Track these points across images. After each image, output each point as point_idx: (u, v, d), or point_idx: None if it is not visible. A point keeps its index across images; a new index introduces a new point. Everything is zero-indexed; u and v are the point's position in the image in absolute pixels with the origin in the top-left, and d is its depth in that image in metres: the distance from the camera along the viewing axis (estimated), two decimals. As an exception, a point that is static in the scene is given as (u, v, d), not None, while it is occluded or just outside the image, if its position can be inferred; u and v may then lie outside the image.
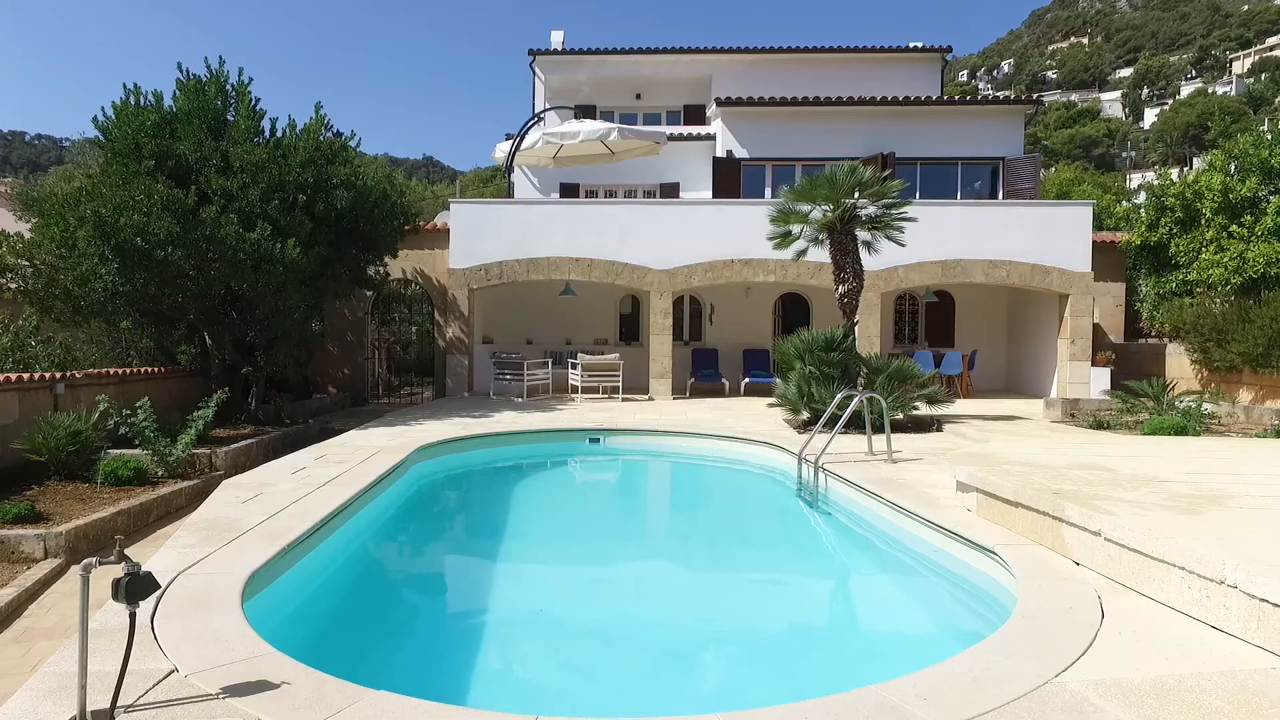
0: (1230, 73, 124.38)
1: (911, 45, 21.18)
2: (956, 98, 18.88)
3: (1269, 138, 13.95)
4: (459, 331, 15.01)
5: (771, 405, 11.43)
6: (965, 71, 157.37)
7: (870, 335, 14.57)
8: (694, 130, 20.77)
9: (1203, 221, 14.00)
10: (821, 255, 11.40)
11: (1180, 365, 14.56)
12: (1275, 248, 12.59)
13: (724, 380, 15.60)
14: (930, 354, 15.65)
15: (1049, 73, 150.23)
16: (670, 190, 19.83)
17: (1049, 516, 4.47)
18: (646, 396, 14.68)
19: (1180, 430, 8.82)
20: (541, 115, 18.27)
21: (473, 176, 67.46)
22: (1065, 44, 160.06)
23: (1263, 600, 3.04)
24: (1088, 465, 5.84)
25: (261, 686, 2.74)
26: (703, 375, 15.75)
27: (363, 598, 5.12)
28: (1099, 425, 10.00)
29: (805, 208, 10.65)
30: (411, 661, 4.11)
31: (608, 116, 21.23)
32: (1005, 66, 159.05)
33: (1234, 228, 13.39)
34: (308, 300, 11.06)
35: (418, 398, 16.18)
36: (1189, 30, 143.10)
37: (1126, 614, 3.47)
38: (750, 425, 10.56)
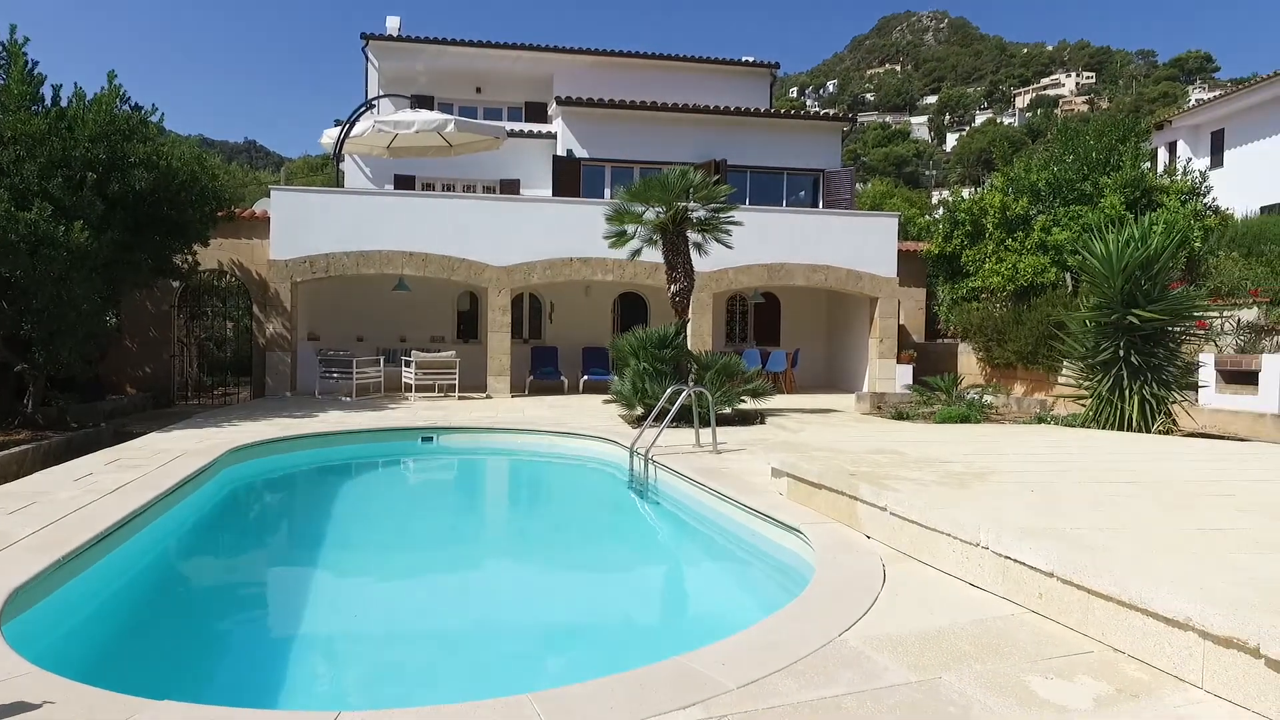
0: (1014, 106, 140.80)
1: (744, 59, 22.29)
2: (783, 111, 20.07)
3: (1036, 164, 15.98)
4: (281, 327, 14.08)
5: (607, 402, 11.66)
6: (795, 89, 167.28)
7: (702, 333, 15.21)
8: (535, 128, 20.72)
9: (986, 235, 15.80)
10: (656, 255, 11.77)
11: (969, 362, 16.34)
12: (1041, 260, 14.45)
13: (563, 378, 15.68)
14: (758, 352, 16.57)
15: (868, 95, 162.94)
16: (511, 187, 19.66)
17: (846, 496, 4.92)
18: (484, 395, 14.48)
19: (964, 419, 9.93)
20: (373, 102, 17.53)
21: (302, 164, 63.31)
22: (881, 70, 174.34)
23: (1006, 558, 3.52)
24: (884, 450, 6.45)
25: (19, 708, 2.48)
26: (542, 373, 15.75)
27: (160, 610, 4.72)
28: (900, 416, 11.04)
29: (640, 209, 10.95)
30: (213, 674, 3.85)
31: (446, 109, 20.70)
32: (831, 86, 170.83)
33: (1009, 241, 15.23)
34: (100, 290, 9.95)
35: (234, 398, 15.01)
36: (982, 66, 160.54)
37: (904, 578, 3.90)
38: (586, 421, 10.71)
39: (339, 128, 16.48)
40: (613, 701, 2.56)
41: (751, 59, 22.25)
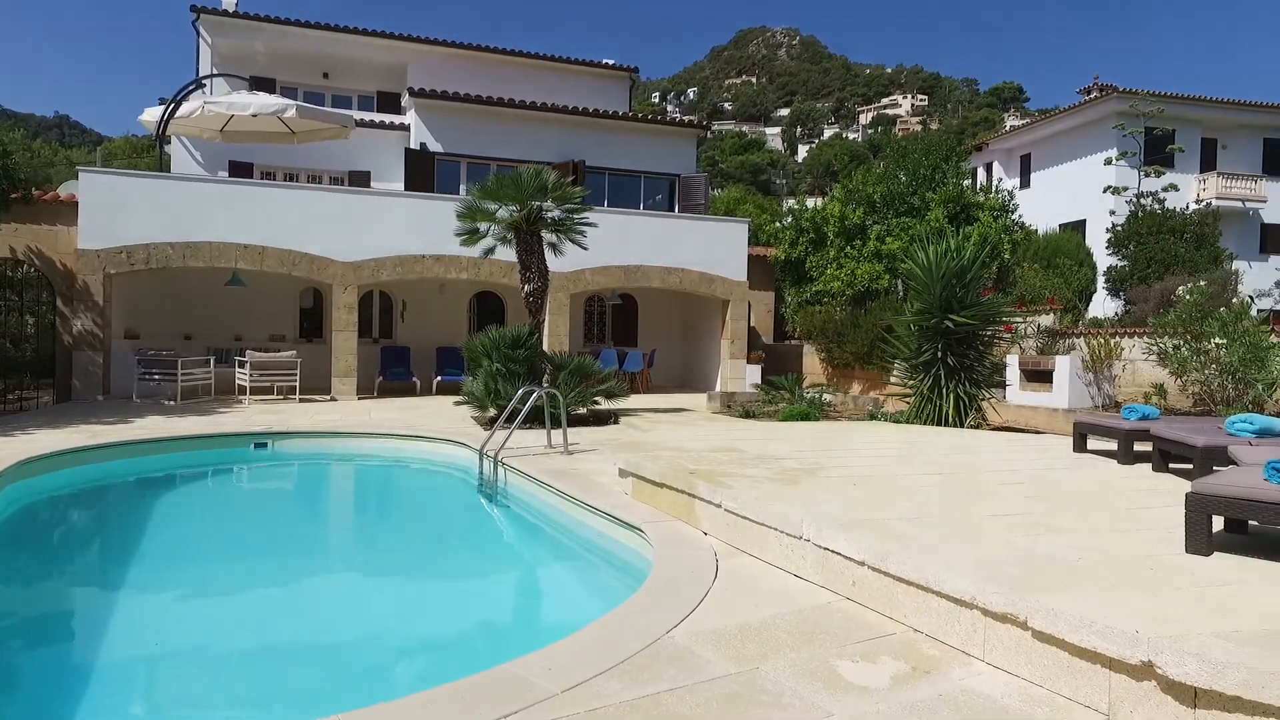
0: (858, 123, 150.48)
1: (604, 62, 22.44)
2: (641, 115, 20.40)
3: (872, 178, 17.14)
4: (91, 324, 12.72)
5: (459, 403, 11.37)
6: (658, 94, 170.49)
7: (560, 334, 15.17)
8: (388, 119, 19.90)
9: (828, 243, 16.77)
10: (511, 254, 11.61)
11: (813, 362, 17.28)
12: (876, 267, 15.52)
13: (415, 379, 15.16)
14: (615, 352, 16.73)
15: (726, 104, 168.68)
16: (360, 179, 18.78)
17: (685, 494, 5.04)
18: (328, 397, 13.74)
19: (805, 416, 10.47)
20: (203, 81, 16.20)
21: (124, 144, 57.55)
22: (739, 80, 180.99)
23: (825, 549, 3.74)
24: (726, 448, 6.69)
25: None
26: (392, 374, 15.15)
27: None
28: (747, 414, 11.48)
29: (493, 206, 10.76)
30: (-20, 716, 3.40)
31: (290, 93, 19.47)
32: (691, 93, 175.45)
33: (849, 249, 16.25)
34: None
35: (32, 403, 13.38)
36: (830, 84, 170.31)
37: (735, 572, 4.04)
38: (438, 424, 10.40)
39: (163, 106, 15.09)
40: (429, 716, 2.48)
41: (612, 62, 22.44)
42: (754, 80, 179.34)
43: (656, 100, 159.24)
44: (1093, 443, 6.96)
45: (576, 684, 2.70)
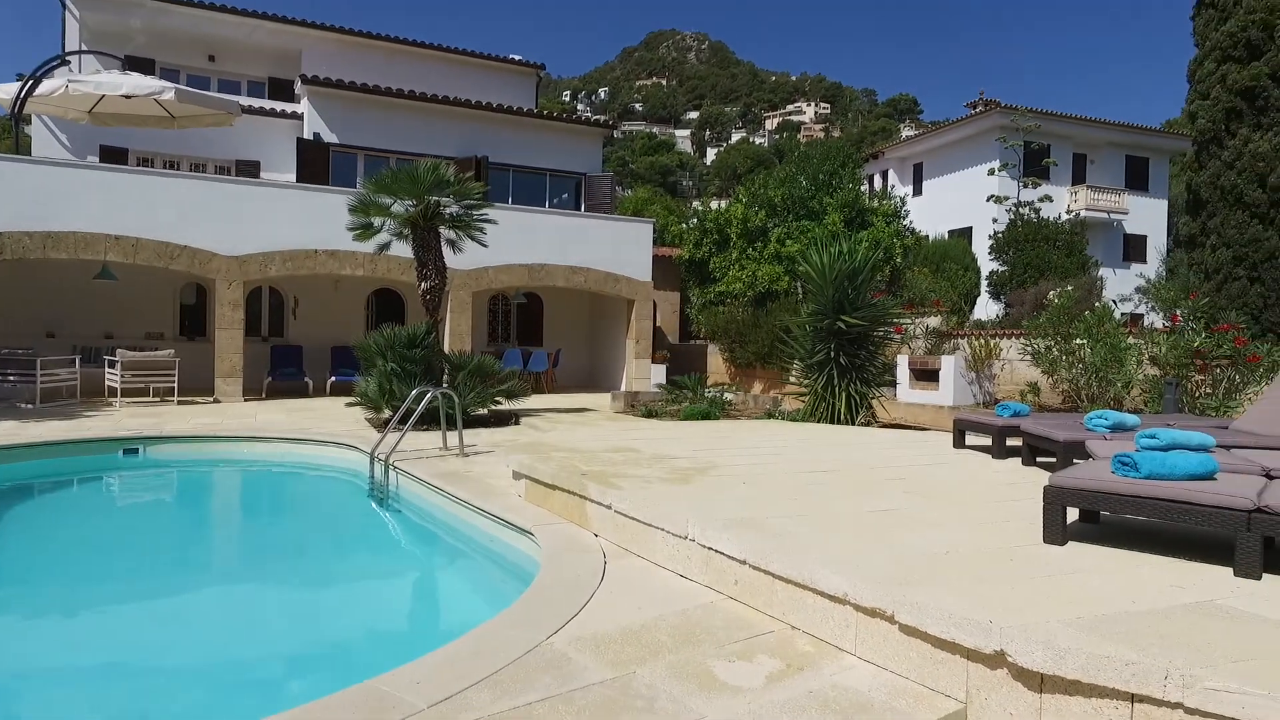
0: (765, 128, 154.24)
1: (510, 57, 22.10)
2: (546, 112, 20.19)
3: (774, 181, 17.56)
4: (-67, 320, 11.55)
5: (351, 404, 10.94)
6: (569, 92, 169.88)
7: (461, 333, 14.83)
8: (280, 106, 18.98)
9: (731, 244, 17.06)
10: (411, 251, 11.24)
11: (717, 362, 17.54)
12: (776, 269, 15.89)
13: (308, 379, 14.50)
14: (519, 352, 16.51)
15: (637, 105, 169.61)
16: (249, 169, 17.83)
17: (577, 496, 4.98)
18: (211, 399, 12.96)
19: (706, 416, 10.60)
20: (68, 58, 14.99)
21: (-21, 124, 52.69)
22: (649, 82, 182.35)
23: (710, 549, 3.75)
24: (622, 448, 6.67)
25: None
26: (283, 374, 14.44)
27: None
28: (650, 414, 11.52)
29: (387, 201, 10.39)
30: None
31: (171, 75, 18.32)
32: (602, 93, 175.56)
33: (750, 251, 16.58)
34: None
35: None
36: (738, 88, 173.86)
37: (622, 574, 4.01)
38: (329, 426, 9.97)
39: (20, 83, 13.86)
40: (282, 740, 2.33)
41: (518, 58, 22.12)
42: (664, 82, 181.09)
43: (567, 99, 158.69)
44: (971, 439, 7.31)
45: (445, 697, 2.59)
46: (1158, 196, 30.49)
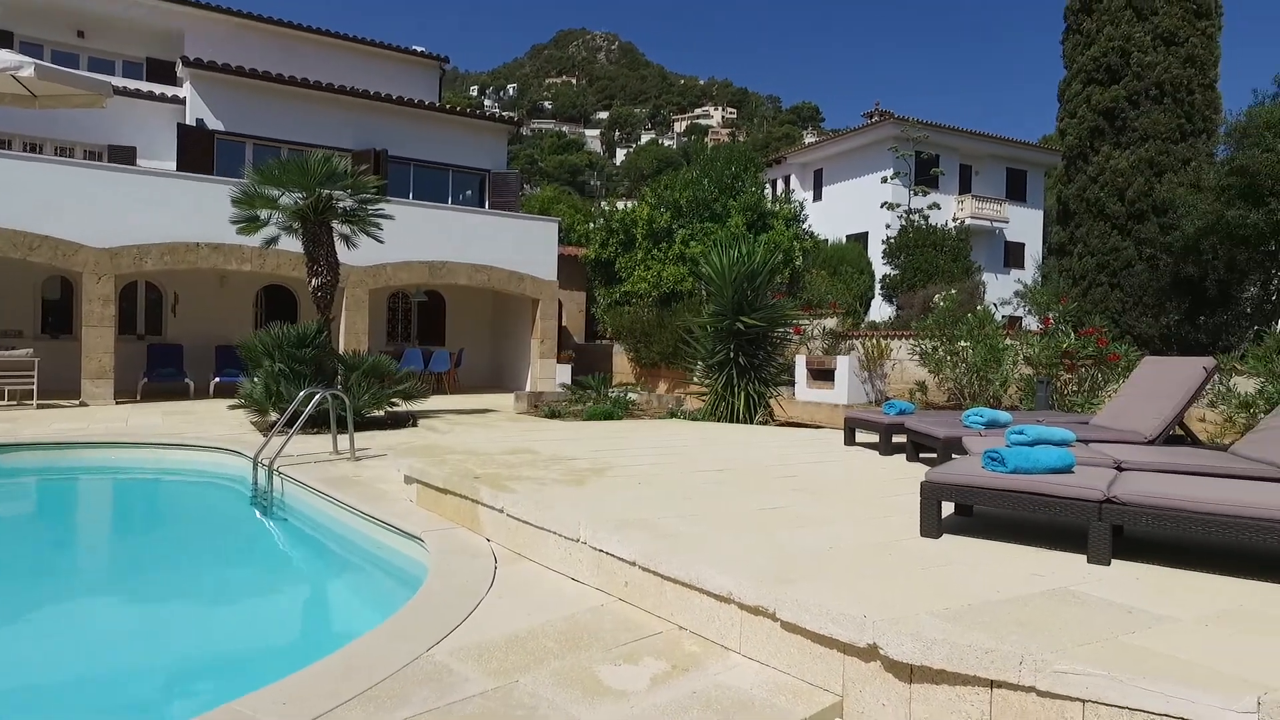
0: (673, 130, 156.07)
1: (413, 49, 21.48)
2: (450, 107, 19.71)
3: (679, 183, 17.76)
4: None
5: (234, 407, 10.36)
6: (476, 87, 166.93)
7: (357, 332, 14.30)
8: (160, 89, 17.82)
9: (637, 244, 17.14)
10: (300, 246, 10.74)
11: (622, 362, 17.58)
12: (680, 269, 16.07)
13: (189, 380, 13.64)
14: (420, 351, 16.06)
15: (546, 103, 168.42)
16: (124, 155, 16.64)
17: (469, 500, 4.86)
18: (78, 401, 12.00)
19: (609, 416, 10.59)
20: (-91, 27, 13.56)
21: None
22: (559, 80, 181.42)
23: (600, 551, 3.72)
24: (521, 450, 6.56)
25: None
26: (160, 375, 13.53)
27: None
28: (553, 414, 11.42)
29: (276, 193, 9.89)
30: None
31: (33, 51, 16.89)
32: (511, 90, 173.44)
33: (656, 251, 16.70)
34: None
35: None
36: (647, 90, 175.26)
37: (512, 580, 3.93)
38: (210, 430, 9.40)
39: None
40: (125, 774, 2.14)
41: (421, 49, 21.54)
42: (574, 81, 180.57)
43: (475, 94, 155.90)
44: (861, 436, 7.58)
45: (313, 718, 2.46)
46: (1034, 207, 32.59)
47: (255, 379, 9.72)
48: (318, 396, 7.47)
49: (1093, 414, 7.19)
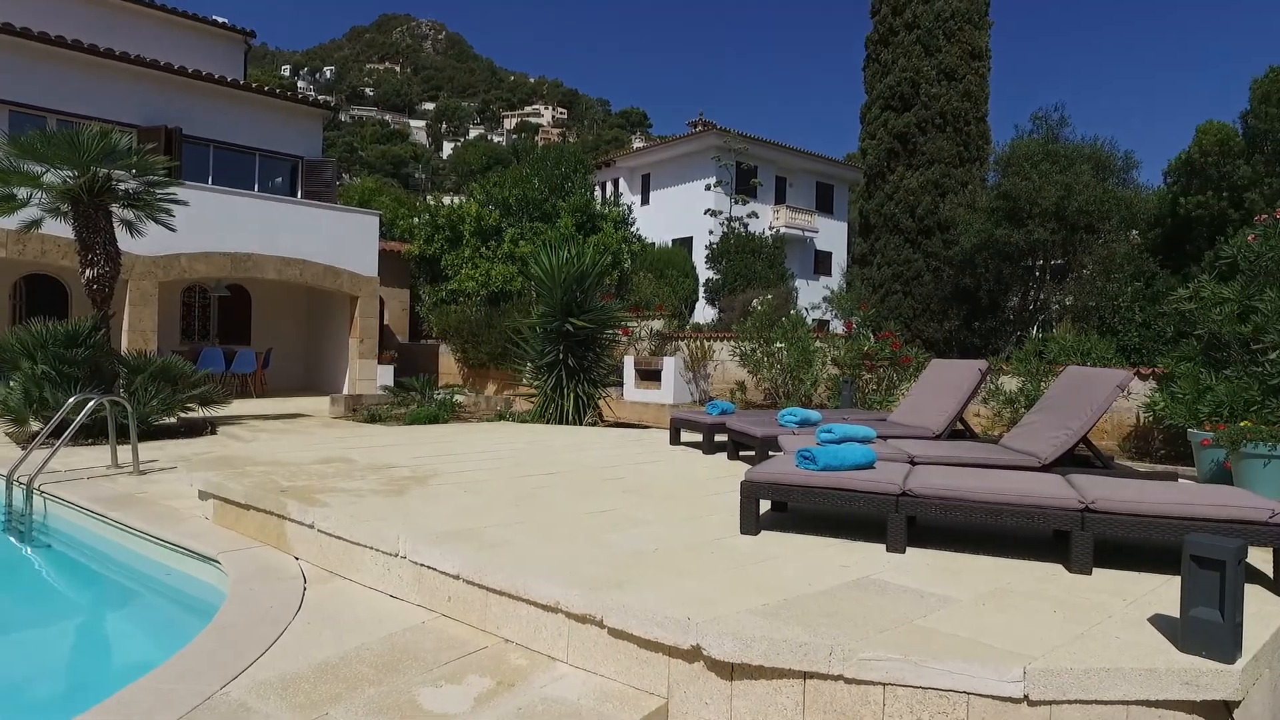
0: (503, 127, 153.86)
1: (214, 19, 19.52)
2: (257, 85, 18.12)
3: (508, 181, 17.50)
4: None
5: (-16, 416, 8.91)
6: (288, 67, 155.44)
7: (144, 330, 12.80)
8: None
9: (464, 242, 16.67)
10: (72, 231, 9.41)
11: (449, 363, 17.04)
12: (510, 269, 15.83)
13: (-78, 385, 11.54)
14: (221, 351, 14.66)
15: (368, 89, 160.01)
16: None
17: (275, 515, 4.47)
18: None
19: (434, 419, 10.20)
20: None
21: None
22: (381, 66, 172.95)
23: (422, 565, 3.55)
24: (335, 459, 6.14)
25: None
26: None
27: None
28: (373, 418, 10.84)
29: (39, 169, 8.61)
30: None
31: None
32: (329, 72, 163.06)
33: (484, 249, 16.33)
34: None
35: None
36: (476, 84, 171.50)
37: (323, 601, 3.65)
38: (-52, 444, 8.00)
39: None
40: None
41: (223, 20, 19.64)
42: (398, 69, 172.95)
43: (287, 74, 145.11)
44: (685, 436, 7.81)
45: (75, 781, 2.13)
46: (840, 219, 35.36)
47: (13, 384, 8.40)
48: (92, 403, 6.58)
49: (889, 411, 7.88)
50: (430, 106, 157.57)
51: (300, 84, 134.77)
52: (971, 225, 14.38)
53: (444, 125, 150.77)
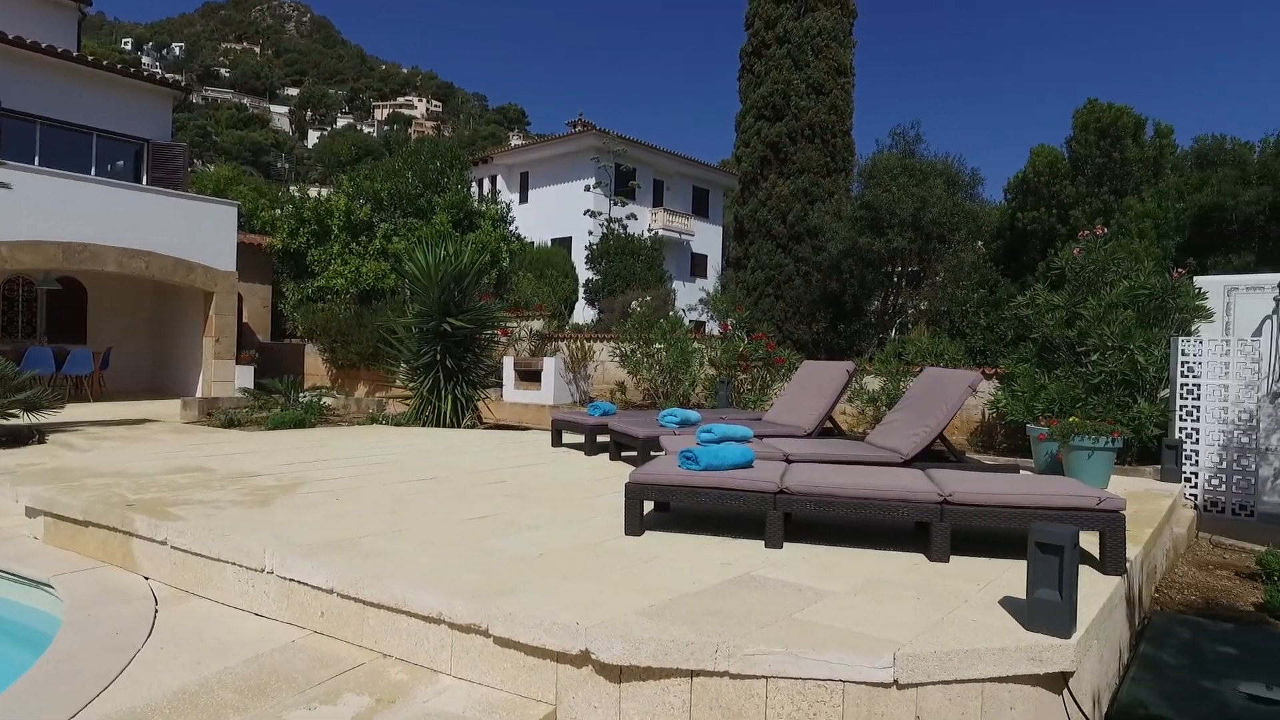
0: (374, 117, 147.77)
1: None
2: (94, 59, 16.48)
3: (380, 174, 16.82)
4: None
5: None
6: (130, 40, 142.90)
7: (-45, 326, 11.37)
8: None
9: (332, 236, 15.88)
10: None
11: (316, 363, 16.18)
12: (382, 266, 15.22)
13: None
14: (51, 351, 13.23)
15: (223, 70, 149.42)
16: None
17: (120, 532, 4.09)
18: None
19: (300, 423, 9.65)
20: None
21: None
22: (239, 46, 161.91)
23: (291, 580, 3.35)
24: (190, 468, 5.69)
25: None
26: None
27: None
28: (231, 423, 10.12)
29: None
30: None
31: None
32: (178, 49, 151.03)
33: (354, 245, 15.63)
34: None
35: None
36: (344, 71, 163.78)
37: (179, 624, 3.37)
38: None
39: None
40: None
41: (52, -15, 17.73)
42: (258, 50, 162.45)
43: (129, 48, 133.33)
44: (567, 437, 7.79)
45: None
46: (716, 223, 36.33)
47: None
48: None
49: (764, 410, 8.17)
50: (294, 92, 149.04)
51: (145, 60, 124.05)
52: (838, 233, 15.17)
53: (309, 113, 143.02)
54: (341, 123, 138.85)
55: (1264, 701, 3.06)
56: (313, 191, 19.61)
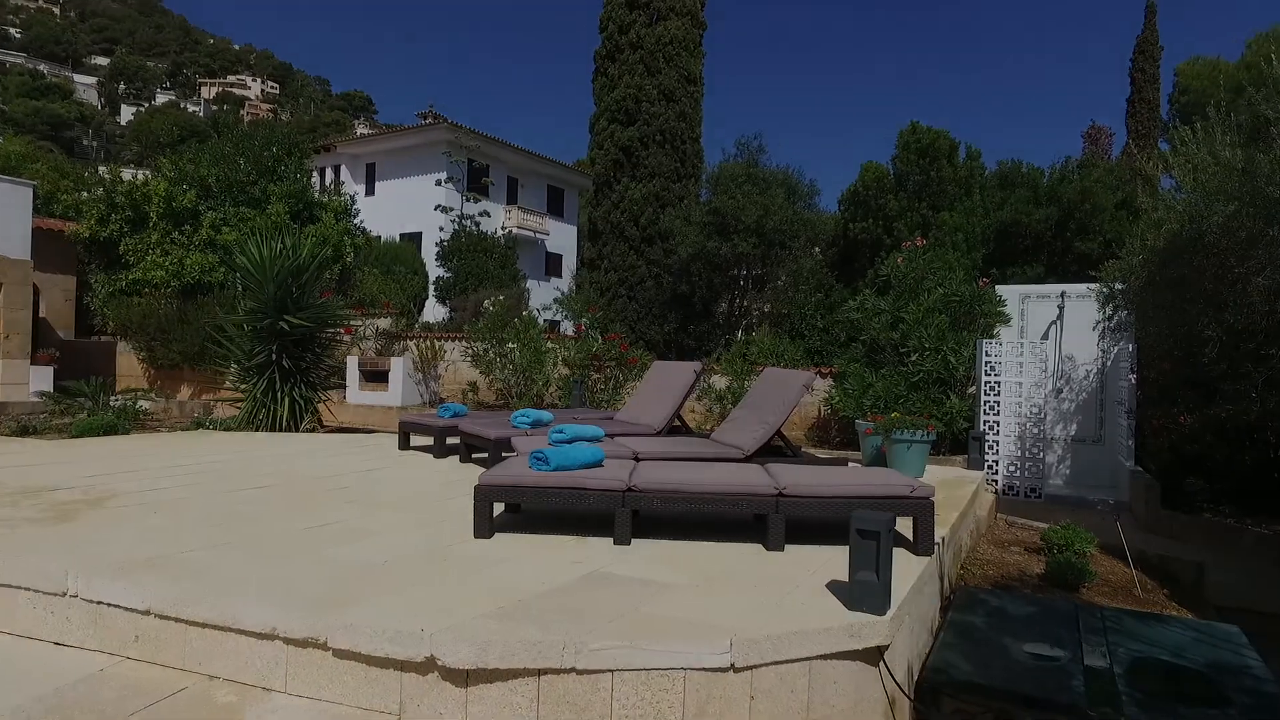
0: (200, 95, 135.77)
1: None
2: None
3: (207, 159, 15.52)
4: None
5: None
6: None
7: None
8: None
9: (151, 225, 14.49)
10: None
11: (130, 363, 14.71)
12: (209, 257, 14.07)
13: None
14: None
15: (14, 30, 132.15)
16: None
17: (-119, 560, 3.55)
18: None
19: (111, 430, 8.74)
20: None
21: None
22: (35, 4, 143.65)
23: (100, 603, 3.06)
24: (-28, 483, 5.03)
25: None
26: None
27: None
28: (26, 431, 9.01)
29: None
30: None
31: None
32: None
33: (176, 235, 14.34)
34: None
35: None
36: (164, 42, 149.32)
37: (-41, 659, 2.98)
38: None
39: None
40: None
41: None
42: (56, 10, 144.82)
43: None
44: (416, 440, 7.56)
45: None
46: (571, 223, 36.39)
47: None
48: None
49: (616, 410, 8.32)
50: (104, 62, 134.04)
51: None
52: (687, 236, 15.66)
53: (122, 86, 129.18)
54: (162, 99, 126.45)
55: (1046, 659, 3.51)
56: (126, 174, 17.78)
